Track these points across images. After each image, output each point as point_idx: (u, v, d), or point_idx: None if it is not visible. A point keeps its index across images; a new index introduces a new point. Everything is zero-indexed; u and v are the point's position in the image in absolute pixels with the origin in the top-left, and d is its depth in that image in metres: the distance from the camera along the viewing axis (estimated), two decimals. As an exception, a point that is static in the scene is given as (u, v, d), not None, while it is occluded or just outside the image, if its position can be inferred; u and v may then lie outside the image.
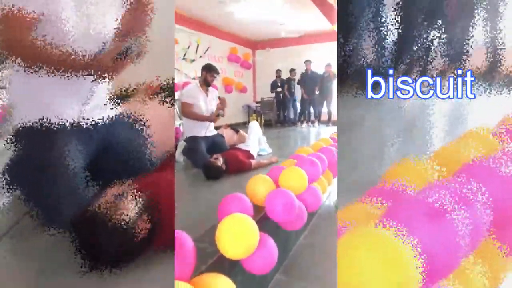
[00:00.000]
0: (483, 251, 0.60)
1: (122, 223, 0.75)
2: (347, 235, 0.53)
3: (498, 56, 0.93)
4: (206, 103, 2.78)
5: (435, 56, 0.89)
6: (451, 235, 0.50)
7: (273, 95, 7.21)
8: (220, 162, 2.18)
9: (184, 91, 2.88)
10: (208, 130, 2.79)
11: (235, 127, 3.28)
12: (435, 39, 0.88)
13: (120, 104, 0.99)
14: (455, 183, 0.59)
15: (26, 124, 0.87)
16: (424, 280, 0.47)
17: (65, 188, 0.85)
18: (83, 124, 0.93)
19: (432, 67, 0.90)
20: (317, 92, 6.60)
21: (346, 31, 0.85)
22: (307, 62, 6.65)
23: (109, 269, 0.75)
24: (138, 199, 0.80)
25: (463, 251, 0.52)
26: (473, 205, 0.55)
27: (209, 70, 2.77)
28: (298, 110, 6.97)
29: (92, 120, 0.94)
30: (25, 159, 0.85)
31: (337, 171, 1.00)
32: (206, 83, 2.78)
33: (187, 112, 2.70)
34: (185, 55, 5.77)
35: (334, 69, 6.49)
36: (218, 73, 2.86)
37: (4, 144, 0.86)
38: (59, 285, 0.76)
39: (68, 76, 0.84)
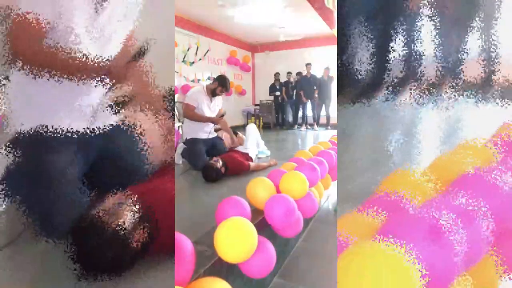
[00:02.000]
0: (478, 264, 0.60)
1: (121, 230, 0.75)
2: (347, 252, 0.53)
3: (493, 67, 0.94)
4: (210, 108, 2.77)
5: (432, 67, 0.90)
6: (450, 252, 0.51)
7: (272, 98, 7.22)
8: (219, 164, 2.18)
9: (190, 93, 2.85)
10: (208, 133, 2.78)
11: (233, 130, 3.28)
12: (432, 48, 0.89)
13: (120, 111, 0.99)
14: (454, 198, 0.59)
15: (24, 131, 0.87)
16: None
17: (64, 196, 0.84)
18: (82, 132, 0.92)
19: (429, 76, 0.91)
20: (316, 96, 6.60)
21: (346, 37, 0.85)
22: (308, 65, 6.65)
23: (107, 277, 0.75)
24: (136, 207, 0.79)
25: (462, 266, 0.52)
26: (473, 221, 0.55)
27: (222, 85, 2.73)
28: (299, 113, 6.95)
29: (92, 128, 0.93)
30: (22, 167, 0.85)
31: (337, 176, 1.00)
32: (213, 92, 2.75)
33: (190, 114, 2.68)
34: (184, 57, 5.78)
35: (331, 72, 6.52)
36: (228, 91, 2.83)
37: (1, 152, 0.85)
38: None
39: (80, 82, 0.84)
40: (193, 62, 6.01)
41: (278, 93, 7.07)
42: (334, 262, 0.55)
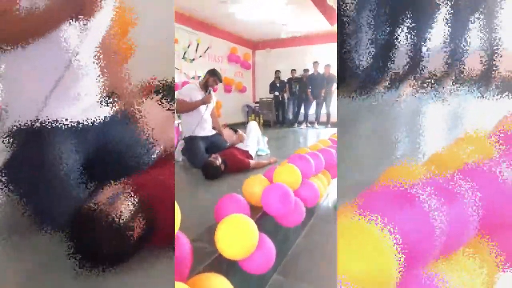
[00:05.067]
0: (477, 253, 0.61)
1: (119, 221, 0.75)
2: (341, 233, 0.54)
3: (494, 60, 0.93)
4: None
5: (433, 59, 0.90)
6: (428, 224, 0.52)
7: (272, 95, 7.21)
8: (218, 161, 2.18)
9: (183, 89, 2.87)
10: (206, 129, 2.78)
11: (234, 127, 3.28)
12: (430, 43, 0.89)
13: (117, 103, 0.99)
14: (443, 181, 0.60)
15: (21, 123, 0.86)
16: (403, 267, 0.49)
17: (62, 187, 0.84)
18: (79, 123, 0.92)
19: (430, 70, 0.90)
20: (323, 94, 6.57)
21: (346, 33, 0.85)
22: (315, 63, 6.62)
23: (105, 268, 0.75)
24: (134, 198, 0.79)
25: (442, 242, 0.53)
26: (458, 202, 0.56)
27: (213, 75, 2.76)
28: (302, 111, 6.93)
29: (88, 119, 0.93)
30: (20, 159, 0.85)
31: (336, 172, 1.00)
32: (205, 86, 2.76)
33: (180, 107, 2.69)
34: (185, 54, 5.77)
35: (333, 70, 6.50)
36: (221, 81, 2.86)
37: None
38: (54, 285, 0.76)
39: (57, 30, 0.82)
40: (194, 59, 6.00)
41: (277, 93, 7.05)
42: (333, 259, 0.55)
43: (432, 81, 0.89)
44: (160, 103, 1.01)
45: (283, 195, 1.23)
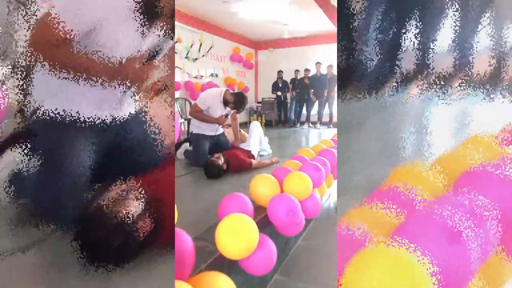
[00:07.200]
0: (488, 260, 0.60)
1: (127, 220, 0.76)
2: (356, 257, 0.52)
3: (502, 62, 0.93)
4: (222, 114, 2.74)
5: (439, 61, 0.89)
6: (464, 252, 0.50)
7: (274, 95, 7.21)
8: (221, 161, 2.18)
9: (204, 95, 2.77)
10: (214, 129, 2.76)
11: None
12: (438, 43, 0.88)
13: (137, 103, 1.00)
14: (464, 196, 0.59)
15: (43, 118, 0.87)
16: None
17: (71, 185, 0.84)
18: (97, 121, 0.93)
19: (436, 71, 0.90)
20: (325, 95, 6.56)
21: (347, 33, 0.85)
22: (318, 64, 6.63)
23: (111, 267, 0.75)
24: (141, 197, 0.80)
25: (475, 266, 0.52)
26: (483, 220, 0.55)
27: (236, 105, 2.64)
28: (304, 111, 6.92)
29: (110, 117, 0.94)
30: (38, 153, 0.85)
31: (337, 174, 1.00)
32: (226, 103, 2.68)
33: (195, 115, 2.66)
34: (188, 53, 5.77)
35: (335, 70, 6.49)
36: (238, 113, 2.77)
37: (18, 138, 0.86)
38: (61, 281, 0.76)
39: (96, 84, 0.87)
40: (196, 59, 6.00)
41: (279, 93, 7.05)
42: (334, 259, 0.55)
43: (441, 83, 0.89)
44: (162, 104, 1.02)
45: (291, 210, 1.21)
